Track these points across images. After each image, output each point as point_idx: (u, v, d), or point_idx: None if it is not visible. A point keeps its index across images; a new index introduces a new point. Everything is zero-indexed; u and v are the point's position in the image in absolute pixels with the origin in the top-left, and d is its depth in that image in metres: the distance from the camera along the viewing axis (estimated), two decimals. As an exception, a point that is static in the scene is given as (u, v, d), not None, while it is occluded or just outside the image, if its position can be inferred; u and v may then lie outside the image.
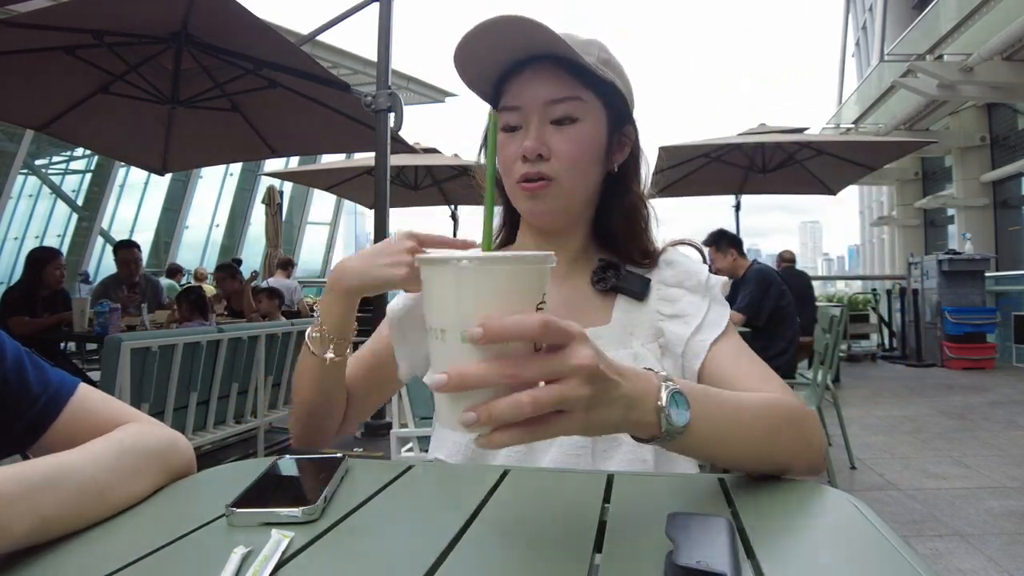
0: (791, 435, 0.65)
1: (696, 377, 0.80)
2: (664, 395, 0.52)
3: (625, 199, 0.88)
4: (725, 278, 0.89)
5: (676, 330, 0.82)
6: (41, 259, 4.04)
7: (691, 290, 0.85)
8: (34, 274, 3.99)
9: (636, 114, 0.88)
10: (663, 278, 0.87)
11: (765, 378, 0.78)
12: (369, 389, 0.89)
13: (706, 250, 0.98)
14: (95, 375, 3.23)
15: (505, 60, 0.80)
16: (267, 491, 0.59)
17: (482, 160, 0.92)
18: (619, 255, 0.88)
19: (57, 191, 13.59)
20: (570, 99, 0.79)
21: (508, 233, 0.96)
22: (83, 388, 0.68)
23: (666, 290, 0.86)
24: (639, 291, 0.85)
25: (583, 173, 0.82)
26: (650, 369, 0.55)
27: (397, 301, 0.93)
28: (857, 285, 12.14)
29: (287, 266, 7.30)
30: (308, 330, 0.79)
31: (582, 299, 0.86)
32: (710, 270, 0.90)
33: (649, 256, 0.88)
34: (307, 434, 0.84)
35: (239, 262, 6.01)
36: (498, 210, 0.96)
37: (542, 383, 0.45)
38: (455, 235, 1.00)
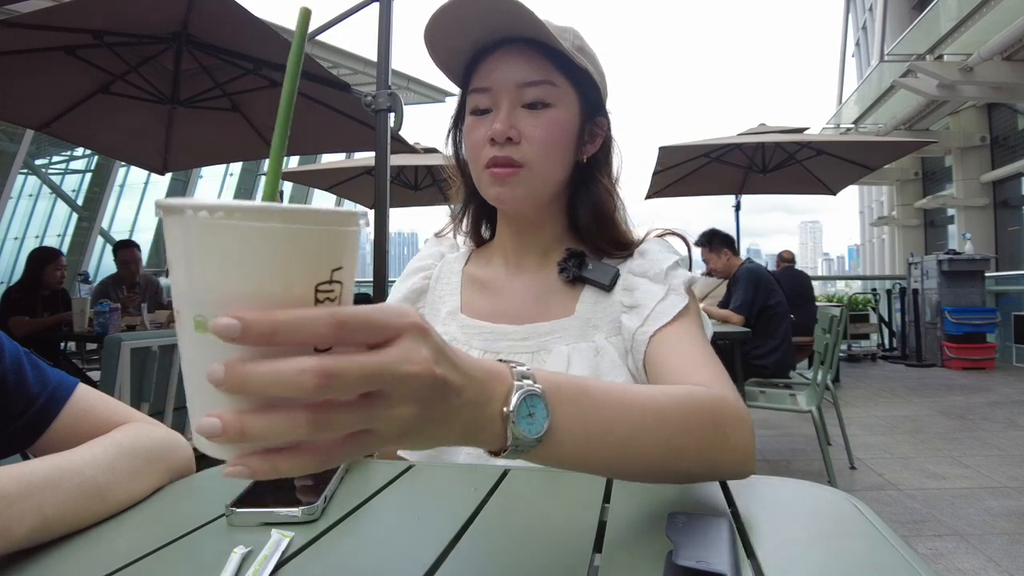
0: (703, 435, 0.54)
1: (643, 373, 0.76)
2: (514, 398, 0.41)
3: (592, 190, 0.85)
4: (694, 274, 0.85)
5: (628, 323, 0.79)
6: (42, 259, 4.04)
7: (652, 279, 0.81)
8: (34, 274, 3.99)
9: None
10: (631, 268, 0.84)
11: (703, 364, 0.69)
12: None
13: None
14: (95, 375, 3.23)
15: (477, 38, 0.78)
16: (267, 491, 0.59)
17: (448, 151, 0.90)
18: (589, 247, 0.86)
19: (57, 191, 13.58)
20: (543, 83, 0.77)
21: (483, 228, 0.94)
22: (82, 388, 0.68)
23: (631, 279, 0.82)
24: (605, 282, 0.82)
25: (554, 160, 0.80)
26: (505, 361, 0.44)
27: (393, 298, 0.92)
28: (857, 285, 12.13)
29: None
30: None
31: (551, 290, 0.85)
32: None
33: (624, 247, 0.86)
34: None
35: None
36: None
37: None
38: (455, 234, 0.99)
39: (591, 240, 0.86)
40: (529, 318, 0.83)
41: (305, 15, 0.40)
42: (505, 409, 0.40)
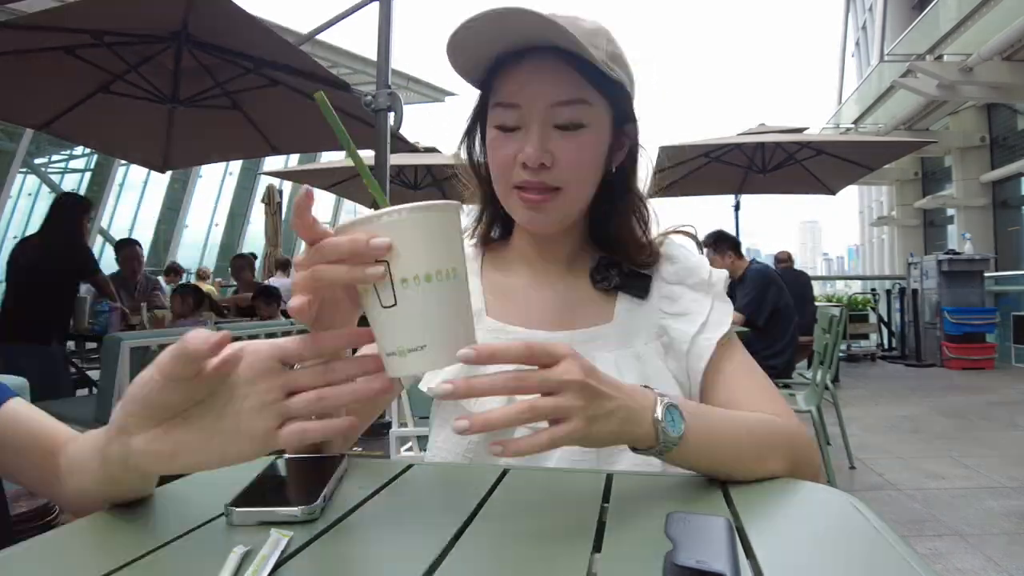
0: (779, 458, 0.65)
1: (700, 376, 0.78)
2: (659, 408, 0.56)
3: (625, 201, 0.84)
4: (725, 272, 0.86)
5: (681, 327, 0.80)
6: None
7: (693, 287, 0.82)
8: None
9: (636, 111, 0.83)
10: (664, 275, 0.84)
11: (771, 399, 0.76)
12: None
13: (697, 247, 0.95)
14: (95, 375, 3.23)
15: (504, 48, 0.73)
16: (266, 490, 0.59)
17: (462, 154, 0.87)
18: (619, 254, 0.84)
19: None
20: (577, 102, 0.73)
21: (493, 229, 0.91)
22: (12, 403, 0.65)
23: (667, 287, 0.83)
24: (643, 290, 0.82)
25: (588, 181, 0.78)
26: (648, 387, 0.58)
27: None
28: (857, 285, 12.13)
29: (286, 267, 7.36)
30: None
31: (583, 298, 0.84)
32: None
33: (650, 253, 0.85)
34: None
35: (254, 256, 6.06)
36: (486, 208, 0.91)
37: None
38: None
39: (621, 249, 0.84)
40: (563, 325, 0.82)
41: (320, 98, 0.54)
42: (655, 415, 0.55)
